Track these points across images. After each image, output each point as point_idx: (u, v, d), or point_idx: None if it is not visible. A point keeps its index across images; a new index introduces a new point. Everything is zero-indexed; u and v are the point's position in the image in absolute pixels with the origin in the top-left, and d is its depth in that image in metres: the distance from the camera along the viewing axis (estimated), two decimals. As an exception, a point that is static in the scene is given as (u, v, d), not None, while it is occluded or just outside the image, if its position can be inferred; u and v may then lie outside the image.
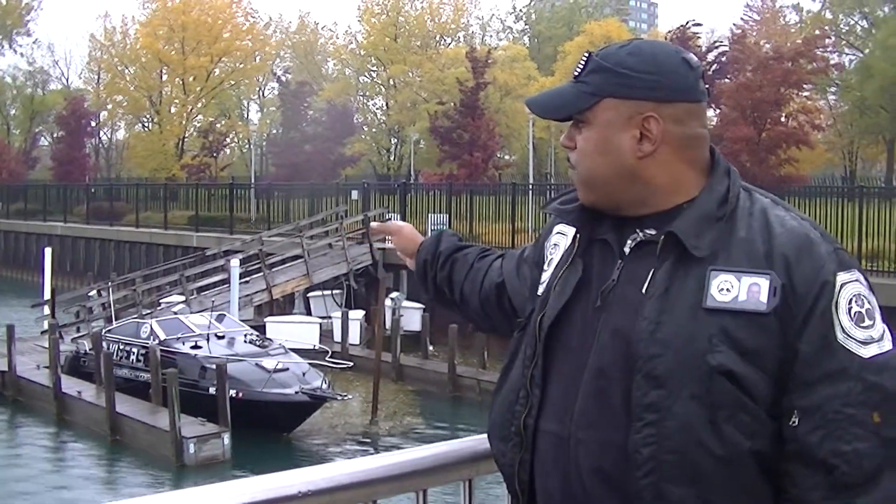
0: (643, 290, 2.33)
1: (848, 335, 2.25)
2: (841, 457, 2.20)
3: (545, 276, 2.62)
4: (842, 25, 71.18)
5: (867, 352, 2.25)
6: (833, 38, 66.35)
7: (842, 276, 2.29)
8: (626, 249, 2.42)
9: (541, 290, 2.60)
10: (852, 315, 2.27)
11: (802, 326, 2.25)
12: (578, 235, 2.52)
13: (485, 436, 2.66)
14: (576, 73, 2.47)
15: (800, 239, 2.32)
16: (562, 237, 2.63)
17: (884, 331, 2.31)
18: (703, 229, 2.34)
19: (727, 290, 2.26)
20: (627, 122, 2.40)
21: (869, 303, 2.30)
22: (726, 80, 55.97)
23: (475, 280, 3.10)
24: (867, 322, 2.28)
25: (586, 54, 2.48)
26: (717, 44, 65.29)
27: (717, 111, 53.51)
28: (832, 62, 57.53)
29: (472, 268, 3.14)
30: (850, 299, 2.28)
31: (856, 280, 2.31)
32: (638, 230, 2.43)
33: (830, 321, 2.26)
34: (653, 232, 2.40)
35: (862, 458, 2.20)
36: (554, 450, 2.39)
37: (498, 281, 3.02)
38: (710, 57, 63.22)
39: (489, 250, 3.23)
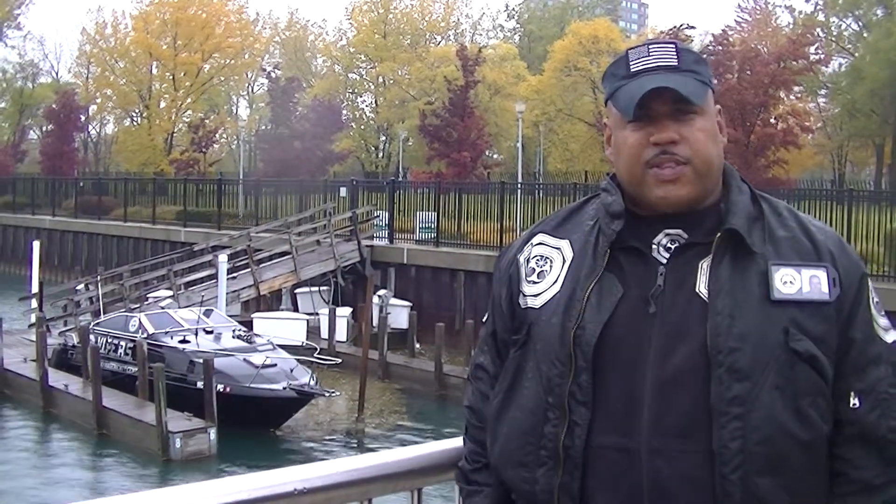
0: (697, 289, 2.35)
1: (878, 324, 2.46)
2: (894, 432, 2.40)
3: (536, 289, 2.52)
4: (833, 28, 71.10)
5: (890, 337, 2.47)
6: (822, 38, 66.29)
7: (866, 270, 2.52)
8: (664, 254, 2.42)
9: (534, 302, 2.51)
10: (876, 305, 2.49)
11: (852, 315, 2.41)
12: (609, 248, 2.45)
13: None
14: (674, 64, 2.45)
15: (834, 236, 2.48)
16: (553, 250, 2.55)
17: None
18: (751, 227, 2.41)
19: (790, 282, 2.36)
20: (716, 114, 2.51)
21: (878, 295, 2.49)
22: (714, 81, 55.91)
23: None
24: (882, 312, 2.51)
25: (671, 44, 2.49)
26: (709, 47, 65.15)
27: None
28: (817, 59, 57.20)
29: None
30: (872, 290, 2.49)
31: (868, 274, 2.50)
32: (664, 230, 2.44)
33: (870, 311, 2.45)
34: (679, 232, 2.43)
35: None
36: (617, 464, 2.34)
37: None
38: (703, 60, 62.89)
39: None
